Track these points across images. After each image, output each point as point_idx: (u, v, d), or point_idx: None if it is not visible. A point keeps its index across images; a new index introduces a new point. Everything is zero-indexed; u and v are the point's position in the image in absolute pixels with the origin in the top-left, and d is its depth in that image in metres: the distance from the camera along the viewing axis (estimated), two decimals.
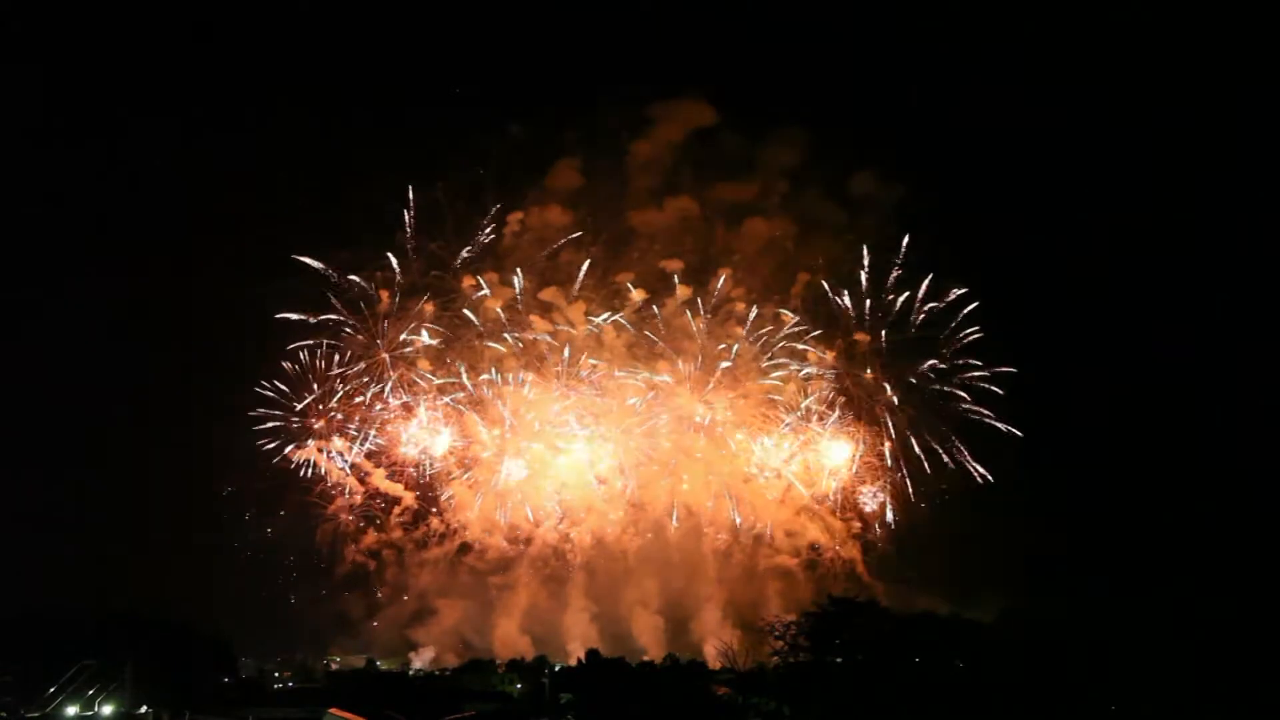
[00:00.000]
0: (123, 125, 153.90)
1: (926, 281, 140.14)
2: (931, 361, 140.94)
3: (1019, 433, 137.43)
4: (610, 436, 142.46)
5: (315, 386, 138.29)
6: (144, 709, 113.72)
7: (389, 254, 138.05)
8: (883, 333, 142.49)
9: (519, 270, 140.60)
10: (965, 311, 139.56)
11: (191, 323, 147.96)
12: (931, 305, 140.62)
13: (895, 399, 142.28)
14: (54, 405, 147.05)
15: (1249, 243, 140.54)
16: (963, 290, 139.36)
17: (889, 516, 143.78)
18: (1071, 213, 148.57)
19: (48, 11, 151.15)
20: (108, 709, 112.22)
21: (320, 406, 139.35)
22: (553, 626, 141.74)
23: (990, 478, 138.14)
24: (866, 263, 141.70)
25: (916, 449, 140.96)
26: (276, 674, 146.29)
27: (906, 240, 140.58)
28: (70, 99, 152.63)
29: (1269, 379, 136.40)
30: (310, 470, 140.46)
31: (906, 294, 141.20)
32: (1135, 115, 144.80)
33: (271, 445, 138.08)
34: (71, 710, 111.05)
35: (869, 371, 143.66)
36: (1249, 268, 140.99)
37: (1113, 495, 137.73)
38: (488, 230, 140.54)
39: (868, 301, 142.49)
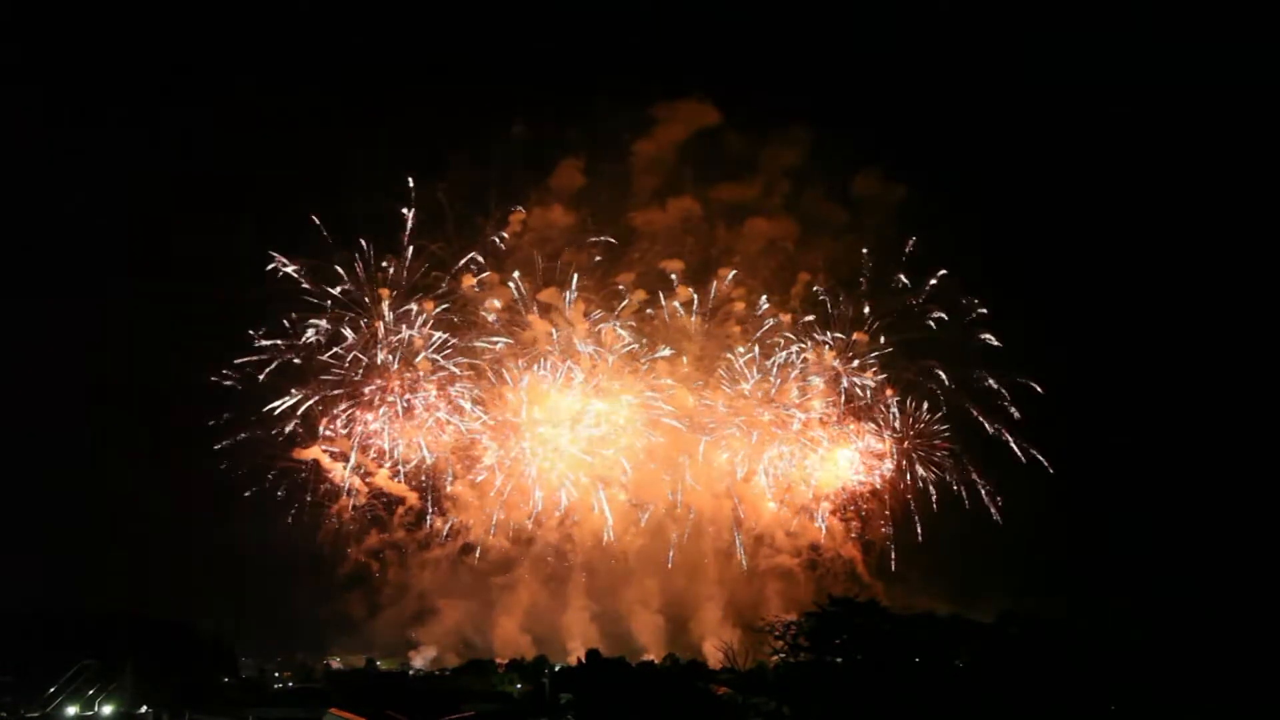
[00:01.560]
0: (120, 124, 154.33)
1: (930, 283, 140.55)
2: (937, 371, 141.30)
3: (1040, 457, 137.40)
4: (610, 436, 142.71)
5: (315, 387, 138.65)
6: (144, 709, 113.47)
7: (389, 254, 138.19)
8: (882, 336, 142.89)
9: (519, 271, 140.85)
10: (971, 317, 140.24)
11: (192, 322, 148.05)
12: (937, 314, 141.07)
13: (896, 402, 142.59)
14: (54, 405, 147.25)
15: (1257, 241, 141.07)
16: (972, 299, 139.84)
17: (888, 530, 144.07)
18: (1075, 213, 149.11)
19: (44, 11, 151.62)
20: (108, 709, 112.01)
21: (320, 407, 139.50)
22: (553, 626, 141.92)
23: (999, 500, 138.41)
24: (868, 264, 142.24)
25: (917, 462, 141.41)
26: (276, 674, 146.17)
27: (911, 242, 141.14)
28: (66, 98, 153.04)
29: (1269, 377, 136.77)
30: (313, 471, 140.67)
31: (909, 297, 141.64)
32: (1142, 112, 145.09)
33: (271, 448, 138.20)
34: (71, 710, 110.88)
35: (870, 374, 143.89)
36: (1253, 266, 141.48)
37: (1112, 495, 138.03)
38: (491, 235, 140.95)
39: (867, 306, 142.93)
